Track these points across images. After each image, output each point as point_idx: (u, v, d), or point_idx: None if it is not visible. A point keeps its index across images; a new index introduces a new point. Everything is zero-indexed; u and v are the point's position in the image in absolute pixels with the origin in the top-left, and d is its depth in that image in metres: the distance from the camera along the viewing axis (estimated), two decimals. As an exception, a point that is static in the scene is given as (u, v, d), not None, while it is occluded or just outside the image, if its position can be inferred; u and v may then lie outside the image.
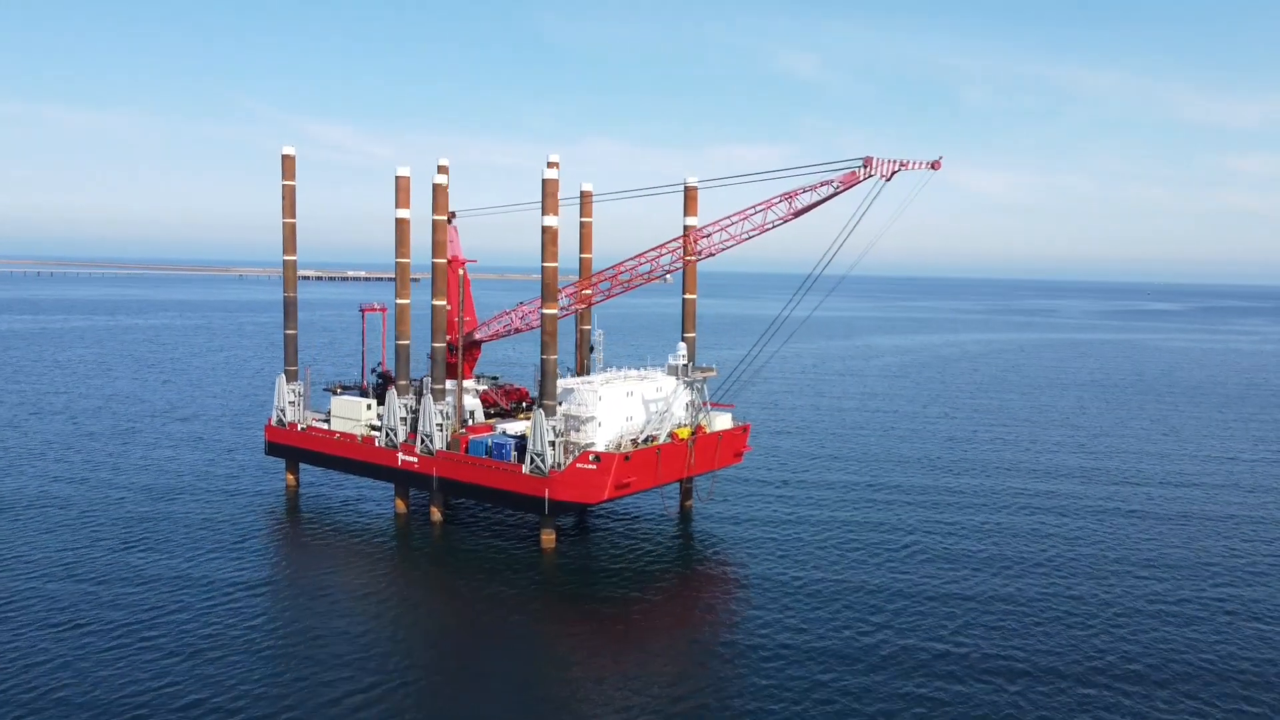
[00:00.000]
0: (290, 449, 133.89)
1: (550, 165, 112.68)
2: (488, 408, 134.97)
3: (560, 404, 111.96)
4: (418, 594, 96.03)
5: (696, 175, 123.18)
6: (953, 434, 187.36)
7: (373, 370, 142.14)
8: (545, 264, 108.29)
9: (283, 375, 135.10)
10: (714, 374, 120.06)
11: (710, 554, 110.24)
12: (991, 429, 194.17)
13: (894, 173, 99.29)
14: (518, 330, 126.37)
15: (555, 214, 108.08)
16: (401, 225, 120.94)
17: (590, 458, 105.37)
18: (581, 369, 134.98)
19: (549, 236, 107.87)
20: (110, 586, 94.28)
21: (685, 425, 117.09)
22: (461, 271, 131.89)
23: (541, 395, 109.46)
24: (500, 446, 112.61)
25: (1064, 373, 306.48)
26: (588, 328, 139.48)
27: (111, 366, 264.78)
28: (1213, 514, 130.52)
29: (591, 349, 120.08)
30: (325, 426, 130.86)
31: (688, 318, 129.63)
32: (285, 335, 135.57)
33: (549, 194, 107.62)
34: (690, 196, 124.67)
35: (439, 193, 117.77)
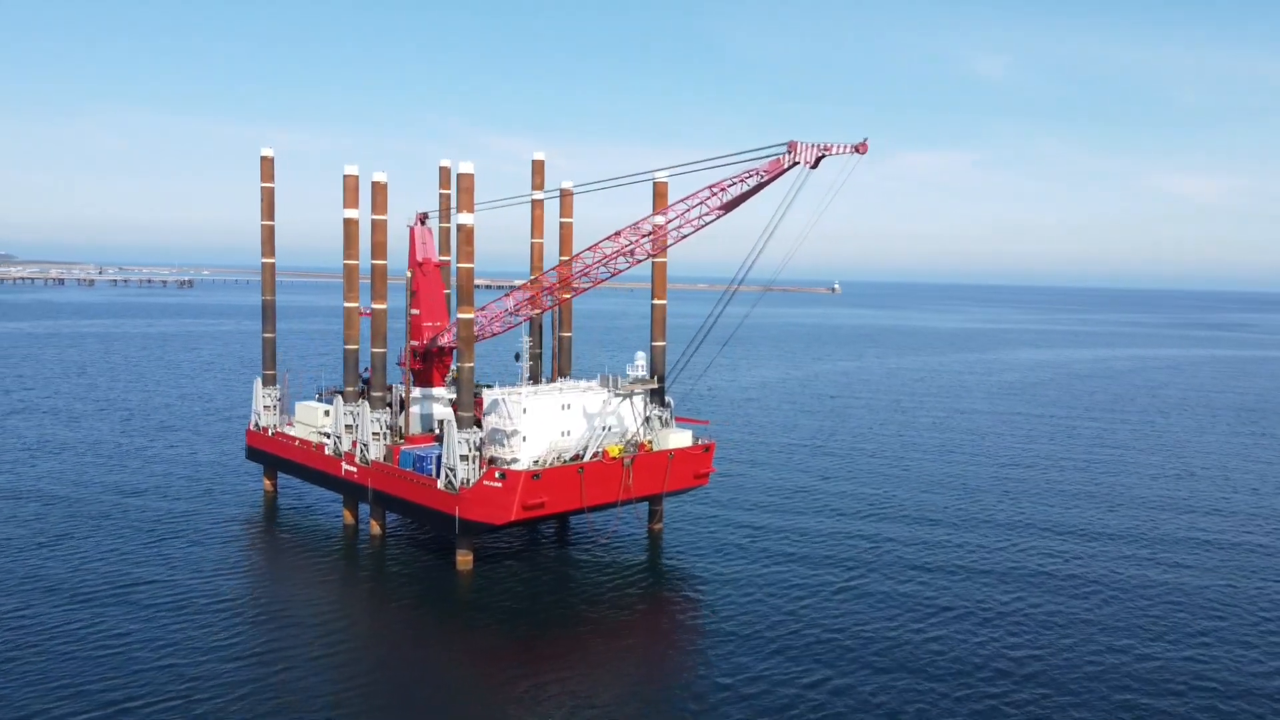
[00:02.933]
0: (264, 454, 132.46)
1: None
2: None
3: (489, 415, 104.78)
4: (326, 614, 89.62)
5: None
6: (1024, 458, 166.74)
7: (360, 375, 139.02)
8: (460, 265, 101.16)
9: (259, 379, 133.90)
10: (652, 386, 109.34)
11: (650, 586, 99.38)
12: (1071, 450, 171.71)
13: (819, 158, 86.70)
14: (479, 336, 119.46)
15: (471, 210, 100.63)
16: (349, 226, 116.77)
17: (496, 474, 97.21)
18: (557, 375, 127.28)
19: (464, 236, 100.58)
20: (54, 592, 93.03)
21: (618, 443, 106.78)
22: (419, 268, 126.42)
23: (457, 406, 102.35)
24: (423, 460, 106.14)
25: (1212, 394, 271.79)
26: (568, 334, 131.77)
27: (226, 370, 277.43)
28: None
29: (517, 356, 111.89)
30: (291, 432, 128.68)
31: (656, 325, 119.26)
32: (263, 339, 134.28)
33: (464, 190, 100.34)
34: (660, 193, 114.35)
35: (378, 191, 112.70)
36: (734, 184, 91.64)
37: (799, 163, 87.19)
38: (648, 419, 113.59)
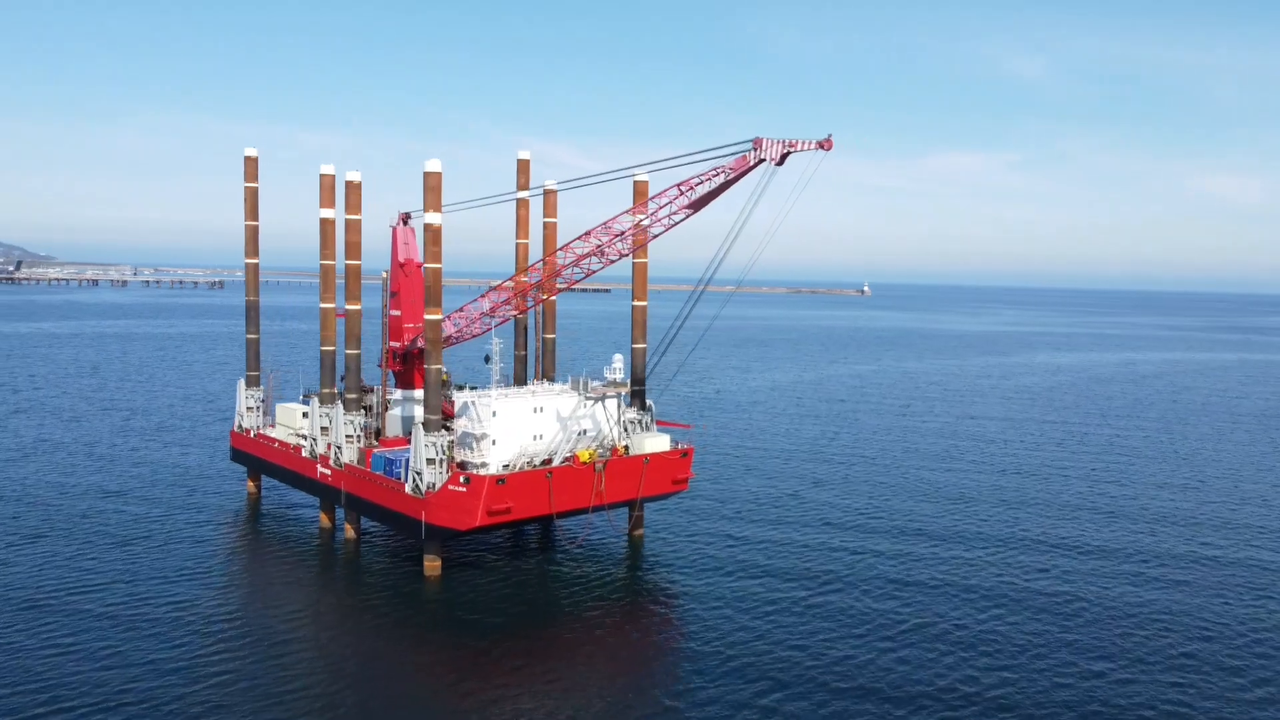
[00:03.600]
0: (247, 456, 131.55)
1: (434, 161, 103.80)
2: (445, 419, 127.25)
3: (459, 418, 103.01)
4: (285, 620, 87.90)
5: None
6: (1027, 466, 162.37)
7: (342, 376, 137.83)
8: (428, 265, 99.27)
9: (242, 380, 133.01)
10: (624, 389, 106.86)
11: (621, 598, 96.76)
12: (1077, 457, 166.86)
13: (784, 155, 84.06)
14: (454, 338, 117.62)
15: (438, 210, 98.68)
16: (325, 225, 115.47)
17: (460, 479, 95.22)
18: (539, 376, 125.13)
19: (431, 235, 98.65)
20: (8, 595, 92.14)
21: (592, 447, 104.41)
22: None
23: (425, 408, 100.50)
24: (393, 463, 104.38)
25: (1236, 399, 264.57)
26: (551, 336, 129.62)
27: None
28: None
29: (486, 359, 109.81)
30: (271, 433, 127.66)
31: (636, 326, 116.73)
32: (247, 340, 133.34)
33: (430, 188, 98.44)
34: (640, 191, 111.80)
35: (351, 191, 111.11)
36: (701, 182, 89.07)
37: (765, 159, 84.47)
38: (626, 423, 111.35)
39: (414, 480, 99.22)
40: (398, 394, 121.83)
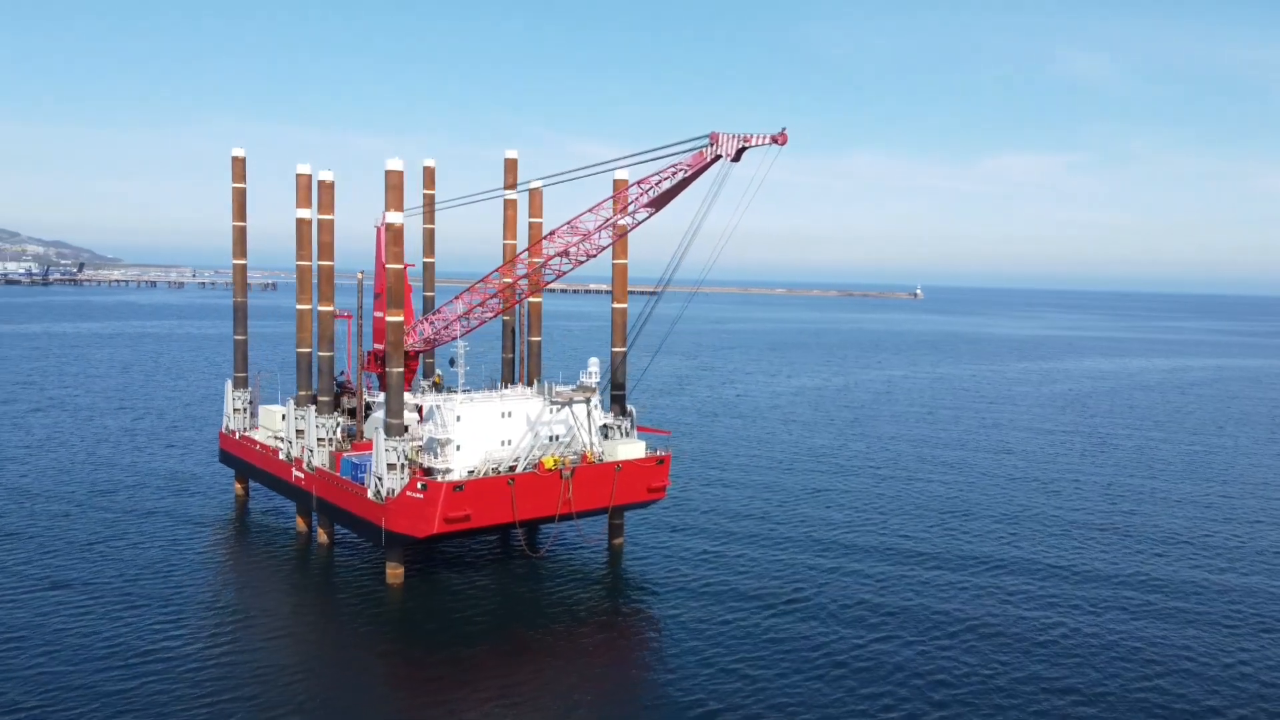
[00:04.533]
0: (233, 458, 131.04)
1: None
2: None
3: (425, 423, 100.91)
4: (244, 625, 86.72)
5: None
6: (1044, 477, 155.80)
7: (335, 379, 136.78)
8: (389, 265, 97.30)
9: (230, 381, 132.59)
10: (591, 394, 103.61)
11: (586, 613, 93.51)
12: (1098, 470, 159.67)
13: (740, 150, 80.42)
14: (435, 340, 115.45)
15: (399, 209, 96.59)
16: (301, 226, 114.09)
17: (418, 485, 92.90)
18: (524, 380, 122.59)
19: (391, 235, 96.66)
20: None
21: (562, 454, 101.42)
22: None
23: (387, 412, 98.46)
24: (358, 467, 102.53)
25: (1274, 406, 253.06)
26: (537, 339, 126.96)
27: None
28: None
29: (452, 362, 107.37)
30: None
31: (616, 330, 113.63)
32: (234, 341, 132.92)
33: (391, 187, 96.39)
34: (620, 189, 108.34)
35: (323, 190, 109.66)
36: (661, 180, 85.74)
37: (721, 155, 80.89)
38: (604, 428, 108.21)
39: (375, 485, 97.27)
40: (380, 397, 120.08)
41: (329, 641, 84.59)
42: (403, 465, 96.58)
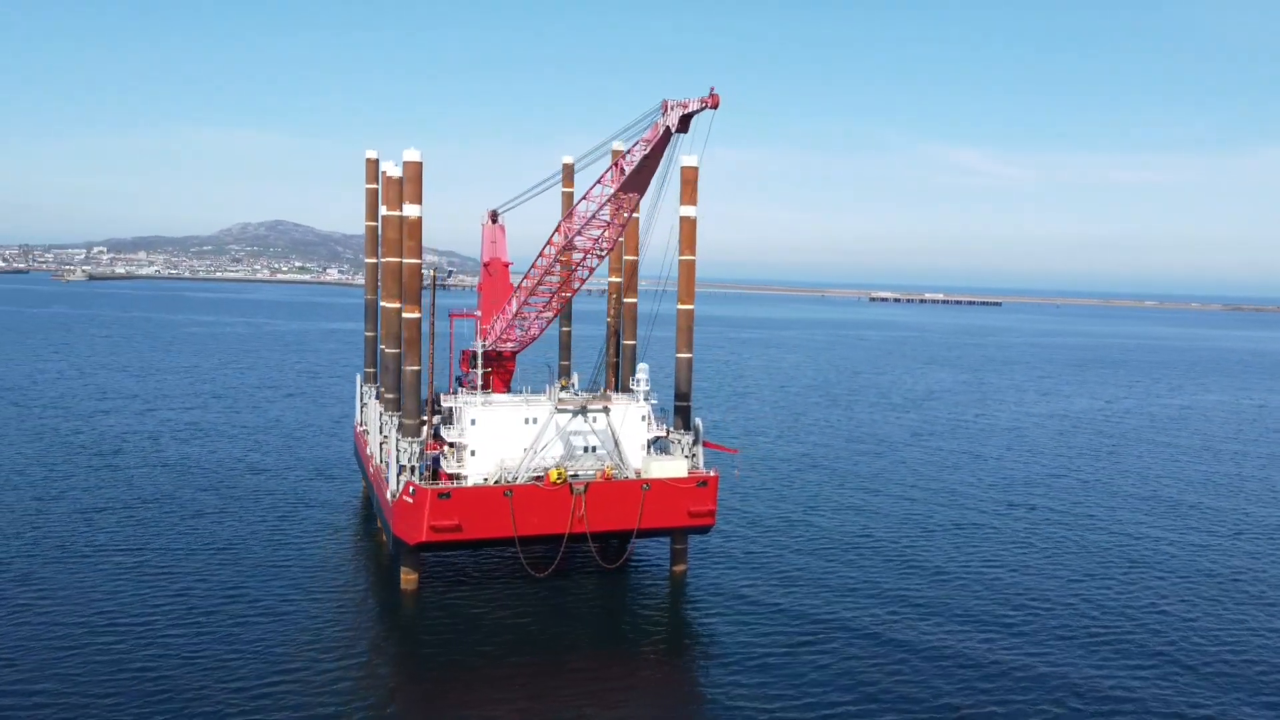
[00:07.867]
0: (357, 453, 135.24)
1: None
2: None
3: (448, 425, 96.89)
4: (263, 625, 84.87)
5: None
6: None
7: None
8: (406, 260, 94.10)
9: (360, 375, 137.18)
10: (608, 402, 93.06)
11: (605, 639, 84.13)
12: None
13: (682, 117, 68.25)
14: (506, 340, 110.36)
15: (417, 202, 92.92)
16: (384, 222, 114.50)
17: (409, 490, 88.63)
18: (615, 387, 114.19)
19: (408, 229, 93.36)
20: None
21: (606, 467, 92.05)
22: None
23: (401, 412, 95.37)
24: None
25: None
26: (631, 343, 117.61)
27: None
28: None
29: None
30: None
31: (681, 333, 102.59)
32: (365, 337, 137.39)
33: (409, 179, 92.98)
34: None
35: (388, 185, 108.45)
36: (629, 157, 74.78)
37: (669, 126, 68.81)
38: (656, 441, 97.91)
39: (391, 487, 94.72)
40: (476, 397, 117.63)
41: (336, 650, 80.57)
42: (414, 468, 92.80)
